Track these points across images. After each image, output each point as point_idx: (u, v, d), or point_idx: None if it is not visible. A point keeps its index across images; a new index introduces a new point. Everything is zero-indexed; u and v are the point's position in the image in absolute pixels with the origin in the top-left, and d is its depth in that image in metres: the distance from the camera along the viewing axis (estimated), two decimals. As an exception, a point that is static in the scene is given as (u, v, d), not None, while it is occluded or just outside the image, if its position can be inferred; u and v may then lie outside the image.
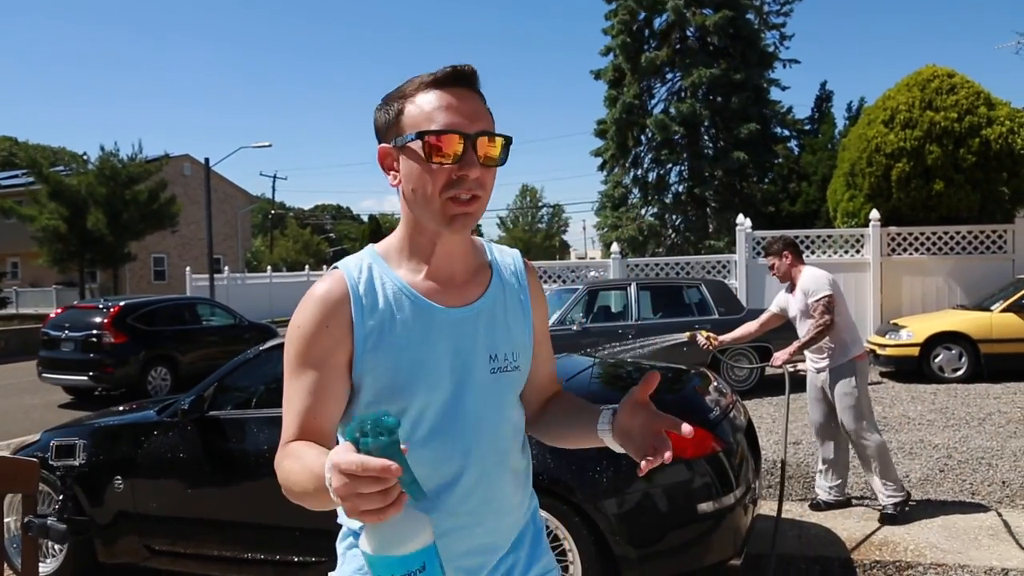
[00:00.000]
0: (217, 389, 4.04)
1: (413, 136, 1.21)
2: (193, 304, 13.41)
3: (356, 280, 1.27)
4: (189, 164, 35.96)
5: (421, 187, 1.22)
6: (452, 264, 1.32)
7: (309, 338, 1.24)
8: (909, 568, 3.95)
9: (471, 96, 1.24)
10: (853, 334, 4.73)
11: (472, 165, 1.20)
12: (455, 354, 1.28)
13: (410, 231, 1.31)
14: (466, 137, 1.20)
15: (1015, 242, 12.16)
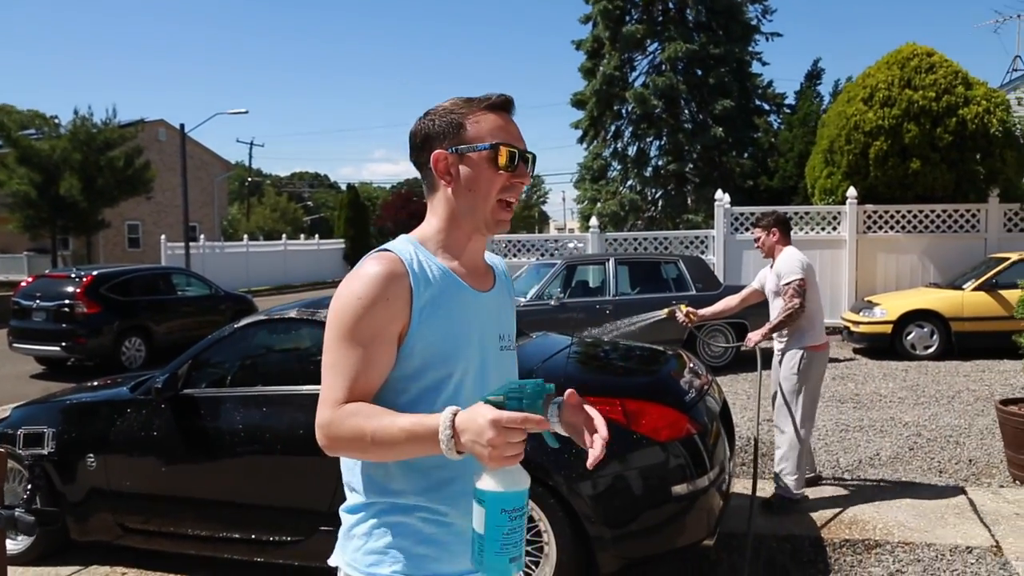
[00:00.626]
0: (191, 367, 4.00)
1: (486, 146, 1.46)
2: (168, 274, 13.25)
3: (410, 261, 1.44)
4: (164, 130, 35.31)
5: (483, 188, 1.47)
6: (476, 258, 1.57)
7: (370, 309, 1.38)
8: (877, 546, 4.03)
9: (513, 120, 1.53)
10: (814, 322, 4.62)
11: (523, 175, 1.50)
12: (480, 331, 1.50)
13: (448, 226, 1.51)
14: (521, 154, 1.49)
15: (988, 221, 12.30)
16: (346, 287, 1.42)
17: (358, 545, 1.46)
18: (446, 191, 1.49)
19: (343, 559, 1.50)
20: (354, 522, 1.48)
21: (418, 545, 1.44)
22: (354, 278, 1.42)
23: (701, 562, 3.87)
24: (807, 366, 4.55)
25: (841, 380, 8.82)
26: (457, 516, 1.45)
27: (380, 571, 1.43)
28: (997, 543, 4.01)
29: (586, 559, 3.28)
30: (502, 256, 13.96)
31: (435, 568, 1.44)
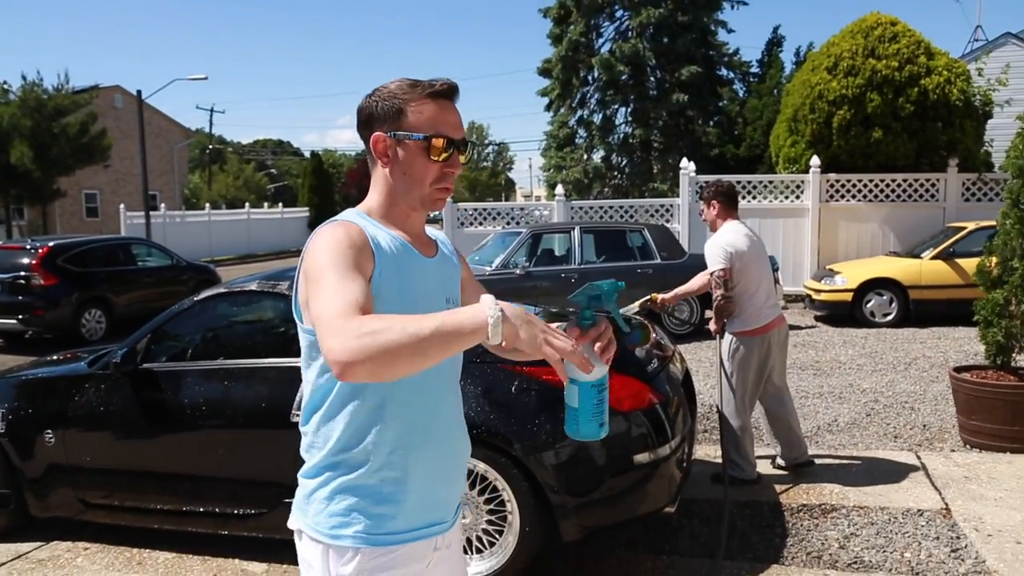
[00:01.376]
0: (151, 341, 3.94)
1: (421, 137, 1.52)
2: (128, 244, 13.01)
3: (363, 225, 1.51)
4: (120, 96, 34.41)
5: (418, 175, 1.54)
6: (418, 229, 1.64)
7: (353, 248, 1.43)
8: (833, 511, 4.13)
9: (455, 109, 1.58)
10: (745, 308, 4.43)
11: (456, 165, 1.56)
12: (429, 293, 1.57)
13: (389, 201, 1.58)
14: (456, 144, 1.55)
15: (947, 191, 12.51)
16: (317, 243, 1.45)
17: (319, 508, 1.50)
18: (384, 170, 1.57)
19: (304, 522, 1.53)
20: (315, 486, 1.52)
21: (378, 505, 1.49)
22: (322, 235, 1.46)
23: (663, 528, 3.95)
24: (737, 352, 4.44)
25: (802, 347, 8.97)
26: (416, 477, 1.52)
27: (344, 532, 1.48)
28: (947, 506, 4.13)
29: (549, 528, 3.32)
30: (469, 224, 13.98)
31: (394, 526, 1.50)
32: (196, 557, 3.88)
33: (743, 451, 4.51)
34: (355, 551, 1.47)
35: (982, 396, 5.06)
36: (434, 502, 1.57)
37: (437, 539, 1.58)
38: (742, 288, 4.41)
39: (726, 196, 4.59)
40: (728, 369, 4.50)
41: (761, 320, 4.45)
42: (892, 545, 3.71)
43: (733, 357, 4.47)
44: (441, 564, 1.61)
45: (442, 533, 1.59)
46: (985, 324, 5.18)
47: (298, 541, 1.57)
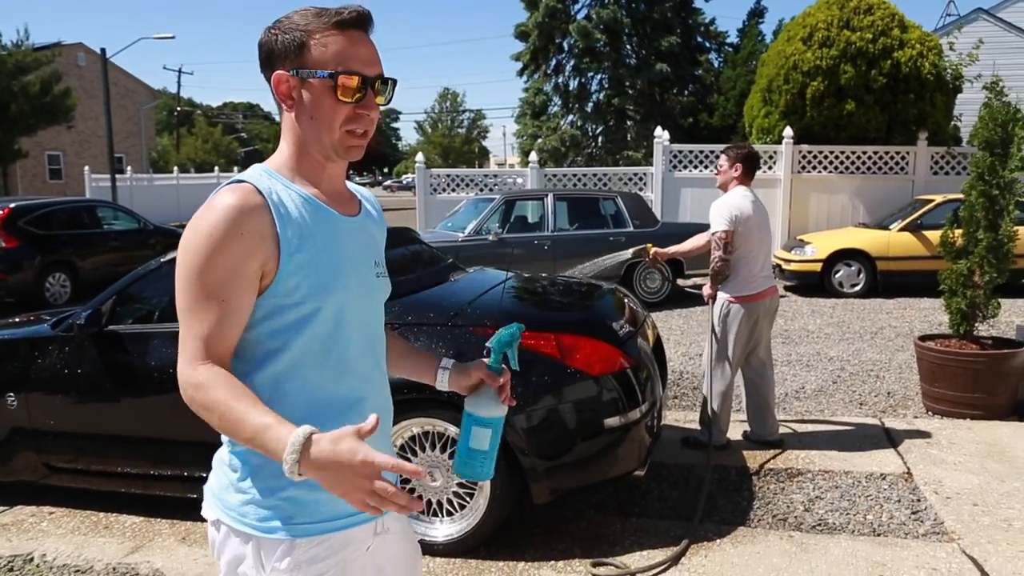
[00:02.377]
0: (116, 302, 3.87)
1: (325, 74, 1.32)
2: (93, 207, 12.76)
3: (267, 189, 1.33)
4: (84, 54, 33.50)
5: (325, 119, 1.35)
6: (337, 184, 1.46)
7: (222, 247, 1.26)
8: (799, 475, 4.20)
9: (368, 40, 1.38)
10: (739, 272, 4.44)
11: (371, 106, 1.37)
12: (354, 257, 1.43)
13: (299, 152, 1.40)
14: (368, 80, 1.35)
15: (916, 164, 12.65)
16: (197, 222, 1.29)
17: (245, 498, 1.36)
18: (290, 116, 1.38)
19: (223, 512, 1.38)
20: (238, 473, 1.37)
21: (310, 492, 1.33)
22: (205, 212, 1.29)
23: (632, 491, 3.99)
24: (727, 316, 4.46)
25: (771, 316, 9.06)
26: None
27: (275, 524, 1.34)
28: (908, 470, 4.23)
29: (520, 491, 3.34)
30: (442, 191, 13.88)
31: (329, 512, 1.36)
32: (165, 520, 3.86)
33: (718, 417, 4.55)
34: (290, 543, 1.33)
35: (945, 364, 5.16)
36: None
37: (376, 523, 1.45)
38: (740, 253, 4.41)
39: (751, 162, 4.53)
40: (717, 333, 4.51)
41: (754, 288, 4.47)
42: (855, 508, 3.79)
43: (724, 321, 4.48)
44: (384, 547, 1.49)
45: (381, 517, 1.45)
46: (949, 294, 5.26)
47: (215, 533, 1.41)
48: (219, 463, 1.43)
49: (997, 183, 5.09)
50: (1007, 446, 4.56)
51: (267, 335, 1.35)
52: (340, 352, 1.40)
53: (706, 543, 3.47)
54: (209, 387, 1.24)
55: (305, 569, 1.34)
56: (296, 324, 1.35)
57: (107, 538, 3.72)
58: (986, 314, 5.21)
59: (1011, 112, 5.12)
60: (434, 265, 4.39)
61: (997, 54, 14.99)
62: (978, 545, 3.37)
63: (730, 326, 4.47)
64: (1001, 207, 5.10)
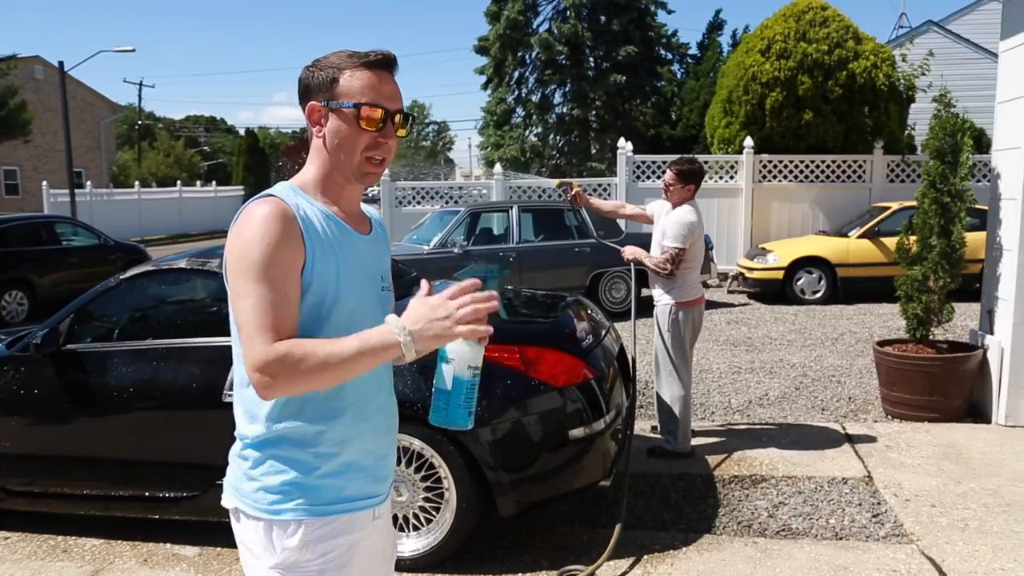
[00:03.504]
0: (74, 321, 3.80)
1: (351, 104, 1.50)
2: (51, 223, 12.54)
3: (294, 204, 1.48)
4: (41, 67, 32.94)
5: (348, 145, 1.51)
6: (354, 204, 1.63)
7: (278, 248, 1.41)
8: (763, 481, 4.26)
9: (392, 79, 1.56)
10: (686, 281, 4.55)
11: (390, 135, 1.54)
12: (364, 271, 1.58)
13: (324, 173, 1.56)
14: (389, 113, 1.52)
15: (873, 172, 12.90)
16: (244, 232, 1.43)
17: (256, 485, 1.50)
18: (319, 141, 1.55)
19: (240, 500, 1.53)
20: (249, 462, 1.52)
21: (317, 478, 1.50)
22: (250, 223, 1.44)
23: (599, 502, 4.01)
24: (675, 321, 4.53)
25: (735, 324, 9.19)
26: (353, 451, 1.54)
27: (285, 507, 1.48)
28: (869, 474, 4.30)
29: (486, 504, 3.34)
30: (407, 203, 13.84)
31: (335, 496, 1.52)
32: (126, 543, 3.79)
33: (680, 423, 4.59)
34: (298, 523, 1.49)
35: (902, 368, 5.27)
36: (371, 475, 1.59)
37: (375, 510, 1.61)
38: (687, 264, 4.52)
39: (700, 179, 4.63)
40: (666, 340, 4.57)
41: (695, 293, 4.60)
42: (818, 512, 3.85)
43: (671, 327, 4.55)
44: (376, 533, 1.64)
45: (379, 504, 1.63)
46: (906, 299, 5.38)
47: (235, 521, 1.56)
48: (234, 456, 1.57)
49: (948, 191, 5.22)
50: (963, 448, 4.67)
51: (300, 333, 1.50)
52: None
53: (672, 551, 3.50)
54: (294, 347, 1.38)
55: (314, 547, 1.49)
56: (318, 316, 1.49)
57: (66, 562, 3.65)
58: (941, 319, 5.34)
59: (960, 123, 5.26)
60: (397, 279, 4.38)
61: (947, 65, 15.40)
62: (936, 546, 3.45)
63: (678, 331, 4.56)
64: (953, 214, 5.23)
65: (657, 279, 4.58)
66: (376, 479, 1.61)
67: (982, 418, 5.20)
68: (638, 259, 4.58)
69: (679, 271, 4.49)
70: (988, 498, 3.93)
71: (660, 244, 4.58)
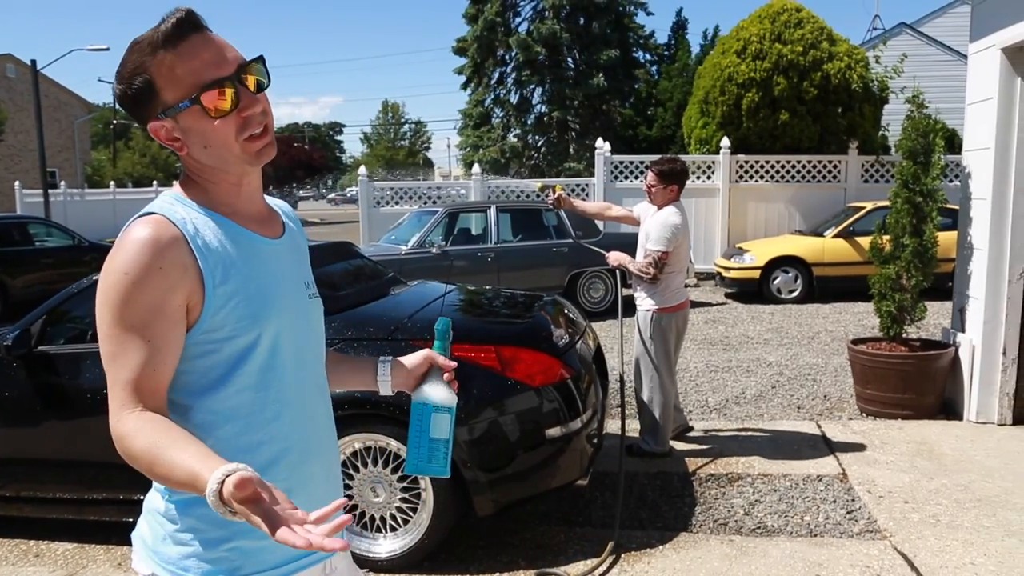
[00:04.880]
0: (47, 322, 3.75)
1: (187, 103, 1.21)
2: (24, 223, 12.40)
3: (181, 220, 1.24)
4: (13, 66, 32.50)
5: (217, 141, 1.24)
6: (256, 203, 1.37)
7: (141, 284, 1.17)
8: (739, 479, 4.29)
9: (204, 39, 1.23)
10: (669, 286, 4.51)
11: (253, 103, 1.24)
12: (283, 281, 1.34)
13: (211, 185, 1.31)
14: (232, 81, 1.22)
15: (848, 172, 13.04)
16: (111, 262, 1.20)
17: (186, 551, 1.26)
18: (186, 155, 1.28)
19: (159, 566, 1.28)
20: (176, 524, 1.27)
21: (260, 538, 1.20)
22: (118, 249, 1.20)
23: (576, 501, 4.02)
24: (657, 326, 4.52)
25: (712, 323, 9.25)
26: (296, 495, 1.27)
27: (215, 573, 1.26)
28: (844, 471, 4.35)
29: (463, 504, 3.34)
30: (385, 203, 13.80)
31: (280, 556, 1.30)
32: (99, 547, 3.76)
33: (660, 426, 4.61)
34: None
35: (875, 366, 5.33)
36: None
37: (325, 564, 1.40)
38: (671, 267, 4.48)
39: (683, 180, 4.58)
40: (649, 346, 4.56)
41: (679, 298, 4.58)
42: (793, 510, 3.88)
43: (654, 334, 4.54)
44: None
45: (330, 556, 1.39)
46: (879, 298, 5.44)
47: None
48: (152, 512, 1.31)
49: (921, 190, 5.29)
50: (935, 444, 4.73)
51: (202, 371, 1.26)
52: (277, 382, 1.32)
53: (648, 549, 3.51)
54: (134, 436, 1.14)
55: None
56: (231, 359, 1.26)
57: (38, 567, 3.60)
58: (914, 317, 5.40)
59: (932, 124, 5.33)
60: (374, 279, 4.37)
61: (919, 67, 15.59)
62: (908, 541, 3.49)
63: (659, 336, 4.55)
64: (925, 214, 5.30)
65: (639, 283, 4.56)
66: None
67: (954, 415, 5.27)
68: (622, 264, 4.56)
69: (663, 275, 4.46)
70: (959, 494, 3.99)
71: (644, 247, 4.56)
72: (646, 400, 4.62)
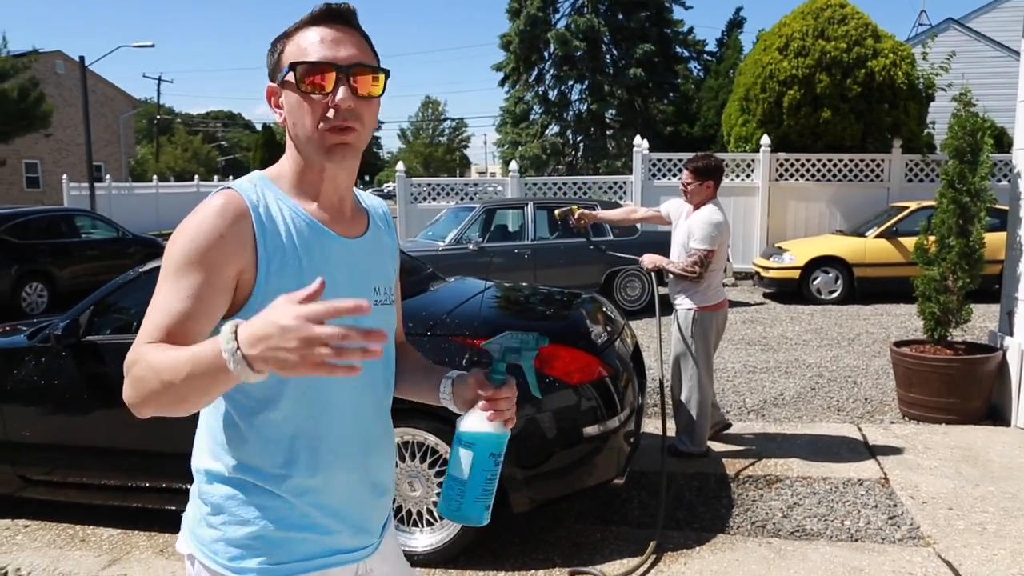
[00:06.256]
0: (94, 313, 3.84)
1: (287, 70, 1.24)
2: (71, 216, 12.66)
3: (255, 201, 1.25)
4: (62, 62, 33.20)
5: (300, 119, 1.25)
6: (339, 198, 1.35)
7: (201, 244, 1.19)
8: (778, 481, 4.24)
9: (348, 32, 1.27)
10: (711, 284, 4.49)
11: (345, 96, 1.23)
12: (348, 284, 1.30)
13: (299, 166, 1.32)
14: (338, 68, 1.23)
15: (891, 171, 12.80)
16: (181, 224, 1.24)
17: (216, 535, 1.29)
18: (285, 126, 1.31)
19: (197, 547, 1.31)
20: (210, 507, 1.30)
21: (284, 530, 1.28)
22: (191, 215, 1.24)
23: (612, 500, 4.01)
24: (699, 325, 4.48)
25: (750, 324, 9.14)
26: (327, 493, 1.30)
27: (247, 565, 1.27)
28: (885, 475, 4.28)
29: (499, 500, 3.33)
30: (423, 199, 13.87)
31: (304, 551, 1.30)
32: (142, 533, 3.83)
33: (698, 426, 4.58)
34: None
35: (919, 370, 5.23)
36: (352, 526, 1.35)
37: (358, 565, 1.37)
38: (712, 266, 4.46)
39: (720, 177, 4.55)
40: (690, 345, 4.53)
41: (719, 297, 4.56)
42: (833, 514, 3.83)
43: (695, 333, 4.50)
44: None
45: (364, 559, 1.38)
46: (923, 300, 5.34)
47: (189, 567, 1.34)
48: (193, 495, 1.35)
49: (967, 190, 5.17)
50: (981, 450, 4.63)
51: None
52: (323, 388, 1.28)
53: (685, 550, 3.49)
54: (144, 351, 1.13)
55: None
56: None
57: (83, 551, 3.69)
58: (959, 319, 5.29)
59: (979, 121, 5.21)
60: (413, 275, 4.40)
61: (967, 63, 15.24)
62: (953, 549, 3.42)
63: (700, 335, 4.51)
64: (972, 214, 5.18)
65: (678, 283, 4.53)
66: (361, 530, 1.37)
67: (1001, 420, 5.15)
68: (660, 266, 4.53)
69: (706, 273, 4.43)
70: (1007, 502, 3.90)
71: (685, 246, 4.50)
72: (684, 400, 4.58)
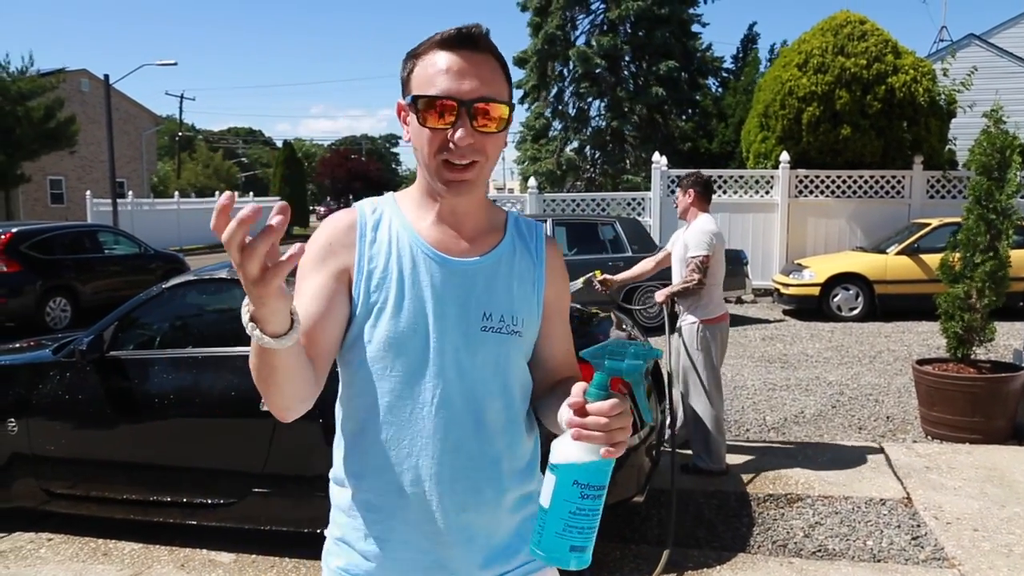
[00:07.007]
0: (118, 328, 3.89)
1: (410, 98, 1.23)
2: (94, 231, 12.82)
3: (367, 216, 1.30)
4: (87, 80, 33.77)
5: (421, 145, 1.24)
6: (458, 218, 1.31)
7: (314, 251, 1.26)
8: (799, 500, 4.20)
9: (478, 59, 1.21)
10: (712, 296, 4.53)
11: (464, 132, 1.19)
12: (451, 305, 1.26)
13: (422, 183, 1.32)
14: (460, 103, 1.19)
15: (912, 188, 12.71)
16: None
17: (330, 530, 1.37)
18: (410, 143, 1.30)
19: (328, 533, 1.40)
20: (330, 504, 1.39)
21: (362, 540, 1.29)
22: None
23: (632, 518, 3.99)
24: (703, 339, 4.50)
25: (770, 341, 9.09)
26: (399, 517, 1.26)
27: (333, 562, 1.33)
28: (908, 495, 4.22)
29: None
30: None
31: (373, 568, 1.29)
32: (163, 547, 3.85)
33: (714, 442, 4.55)
34: None
35: (943, 388, 5.17)
36: (425, 568, 1.28)
37: None
38: (710, 278, 4.49)
39: (703, 187, 4.66)
40: (695, 359, 4.54)
41: (720, 310, 4.59)
42: (855, 533, 3.78)
43: (700, 346, 4.52)
44: None
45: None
46: (947, 318, 5.28)
47: None
48: None
49: (994, 207, 5.13)
50: (1006, 470, 4.56)
51: (345, 364, 1.30)
52: (408, 416, 1.25)
53: (705, 569, 3.46)
54: None
55: None
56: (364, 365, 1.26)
57: (106, 564, 3.72)
58: (983, 338, 5.23)
59: (1008, 139, 5.17)
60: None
61: (989, 79, 15.12)
62: (979, 571, 3.37)
63: (707, 349, 4.53)
64: (999, 231, 5.14)
65: (685, 298, 4.56)
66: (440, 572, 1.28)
67: (1026, 440, 5.08)
68: (670, 293, 4.57)
69: (706, 281, 4.46)
70: (1032, 523, 3.84)
71: (683, 259, 4.57)
72: (698, 416, 4.57)
